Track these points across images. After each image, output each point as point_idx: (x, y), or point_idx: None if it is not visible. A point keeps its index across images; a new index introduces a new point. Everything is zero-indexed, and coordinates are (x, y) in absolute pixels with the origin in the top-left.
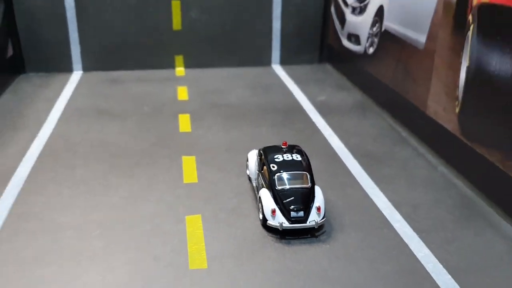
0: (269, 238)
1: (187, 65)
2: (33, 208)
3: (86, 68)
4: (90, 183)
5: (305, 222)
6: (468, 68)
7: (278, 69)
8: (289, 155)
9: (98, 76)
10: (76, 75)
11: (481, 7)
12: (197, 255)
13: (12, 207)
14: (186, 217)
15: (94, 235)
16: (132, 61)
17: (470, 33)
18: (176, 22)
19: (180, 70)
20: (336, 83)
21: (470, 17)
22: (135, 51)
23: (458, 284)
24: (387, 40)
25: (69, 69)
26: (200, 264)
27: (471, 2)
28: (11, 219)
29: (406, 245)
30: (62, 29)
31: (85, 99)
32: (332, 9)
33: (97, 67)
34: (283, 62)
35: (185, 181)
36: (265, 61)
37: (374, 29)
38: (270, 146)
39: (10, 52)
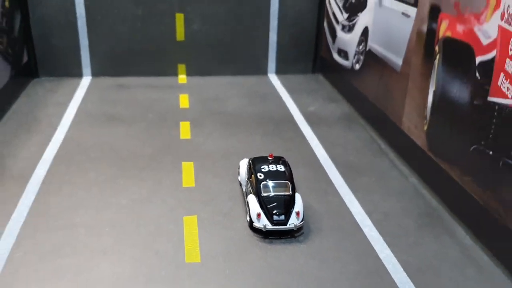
0: (254, 238)
1: (189, 73)
2: (50, 207)
3: (94, 74)
4: (102, 185)
5: (286, 225)
6: (435, 92)
7: (273, 78)
8: (274, 166)
9: (106, 81)
10: (86, 80)
11: (445, 40)
12: (192, 250)
13: (31, 206)
14: (184, 217)
15: (104, 233)
16: (138, 68)
17: (436, 61)
18: (180, 33)
19: (182, 78)
20: (327, 94)
21: (436, 48)
22: (141, 59)
23: (412, 282)
24: (371, 59)
25: (79, 74)
26: (195, 259)
27: (438, 34)
28: (30, 217)
29: (372, 247)
30: (73, 36)
31: (95, 104)
32: (325, 24)
33: (105, 72)
34: (279, 71)
35: (184, 185)
36: (262, 70)
37: (360, 47)
38: (258, 157)
39: (25, 58)
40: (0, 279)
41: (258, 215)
